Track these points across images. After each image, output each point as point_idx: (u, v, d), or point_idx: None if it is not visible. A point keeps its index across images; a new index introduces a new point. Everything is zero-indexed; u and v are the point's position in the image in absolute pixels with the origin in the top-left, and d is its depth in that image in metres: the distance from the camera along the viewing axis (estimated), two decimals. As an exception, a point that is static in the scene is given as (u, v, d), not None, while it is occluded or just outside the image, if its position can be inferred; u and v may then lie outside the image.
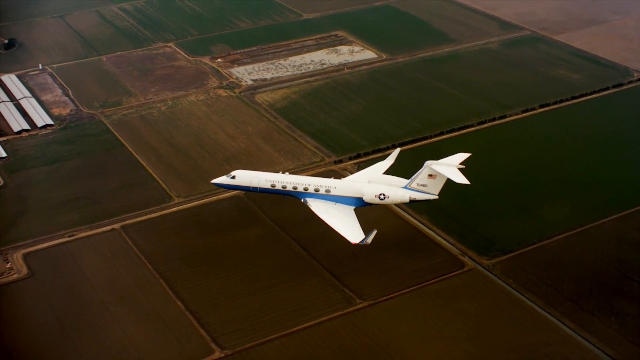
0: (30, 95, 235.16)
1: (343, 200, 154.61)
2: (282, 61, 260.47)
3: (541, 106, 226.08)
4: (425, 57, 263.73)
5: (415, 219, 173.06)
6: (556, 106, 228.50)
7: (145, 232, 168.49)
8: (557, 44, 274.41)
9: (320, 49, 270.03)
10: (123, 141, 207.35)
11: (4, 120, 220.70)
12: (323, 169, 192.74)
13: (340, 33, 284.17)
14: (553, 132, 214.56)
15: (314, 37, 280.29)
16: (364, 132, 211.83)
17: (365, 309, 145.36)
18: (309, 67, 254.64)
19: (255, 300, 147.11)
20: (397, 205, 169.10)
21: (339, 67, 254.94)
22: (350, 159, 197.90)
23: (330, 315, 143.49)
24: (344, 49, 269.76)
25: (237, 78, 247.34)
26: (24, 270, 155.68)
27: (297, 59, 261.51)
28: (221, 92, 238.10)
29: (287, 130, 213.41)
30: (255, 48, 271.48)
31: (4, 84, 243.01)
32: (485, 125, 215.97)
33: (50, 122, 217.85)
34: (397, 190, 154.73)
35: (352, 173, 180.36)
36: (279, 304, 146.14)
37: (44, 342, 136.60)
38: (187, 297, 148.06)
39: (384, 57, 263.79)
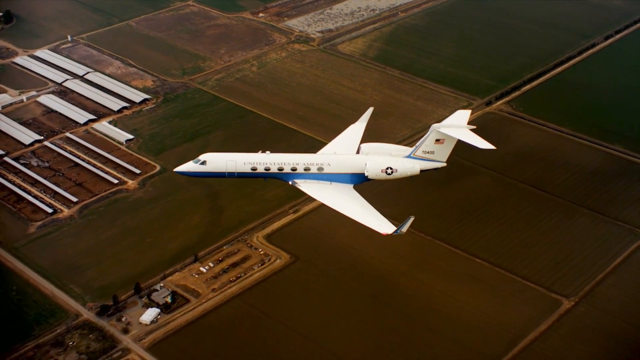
0: (90, 69, 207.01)
1: (340, 179, 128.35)
2: (328, 10, 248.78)
3: (617, 32, 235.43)
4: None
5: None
6: (627, 31, 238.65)
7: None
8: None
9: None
10: (247, 107, 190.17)
11: (88, 99, 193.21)
12: (480, 111, 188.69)
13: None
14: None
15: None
16: (481, 72, 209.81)
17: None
18: (363, 15, 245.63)
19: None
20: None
21: (393, 12, 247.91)
22: (497, 99, 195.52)
23: None
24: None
25: (300, 31, 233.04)
26: (284, 254, 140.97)
27: (342, 7, 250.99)
28: (298, 46, 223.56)
29: (405, 78, 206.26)
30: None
31: (46, 60, 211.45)
32: (586, 54, 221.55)
33: (146, 96, 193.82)
34: (404, 162, 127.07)
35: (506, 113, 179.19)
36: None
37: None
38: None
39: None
